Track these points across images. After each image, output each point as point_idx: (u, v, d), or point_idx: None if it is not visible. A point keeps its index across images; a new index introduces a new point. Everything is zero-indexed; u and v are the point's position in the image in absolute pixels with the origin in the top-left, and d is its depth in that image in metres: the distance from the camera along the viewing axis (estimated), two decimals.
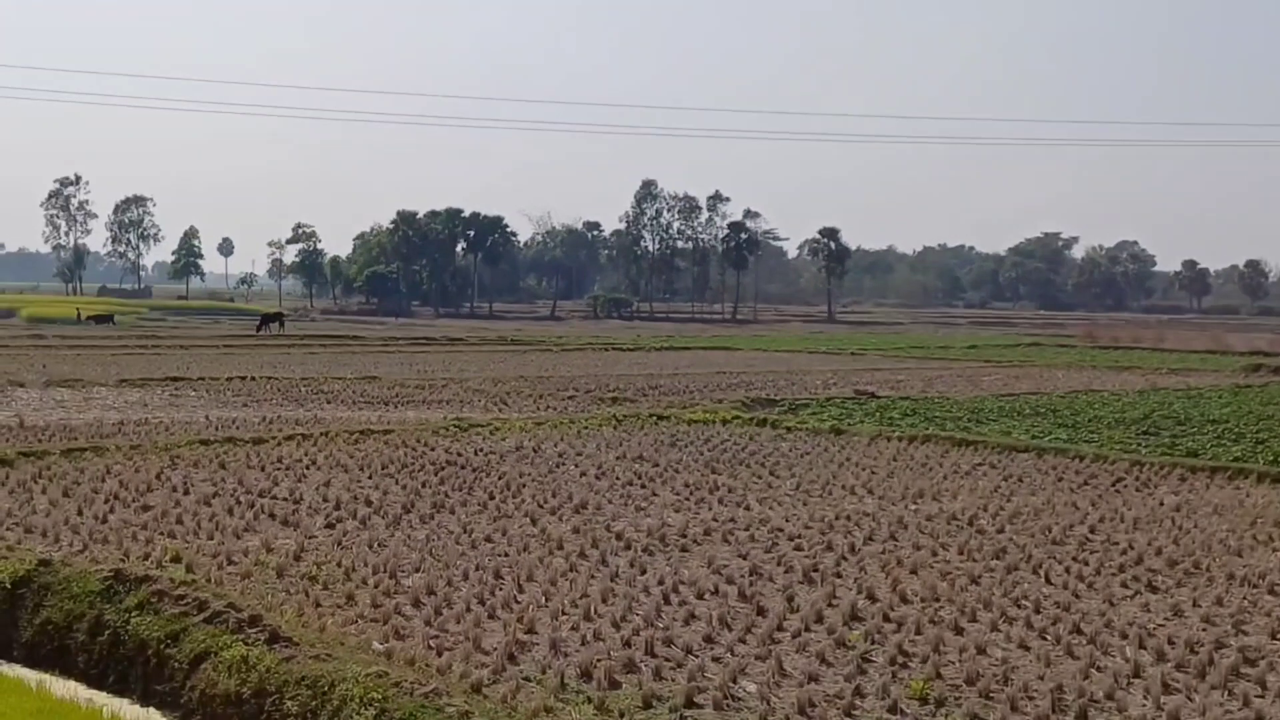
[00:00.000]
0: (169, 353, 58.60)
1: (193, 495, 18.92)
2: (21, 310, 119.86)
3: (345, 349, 65.76)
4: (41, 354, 54.49)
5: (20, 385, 37.28)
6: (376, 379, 42.66)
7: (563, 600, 13.01)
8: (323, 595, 13.10)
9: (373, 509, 18.02)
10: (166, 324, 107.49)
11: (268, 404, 33.84)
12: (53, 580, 12.73)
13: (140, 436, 25.39)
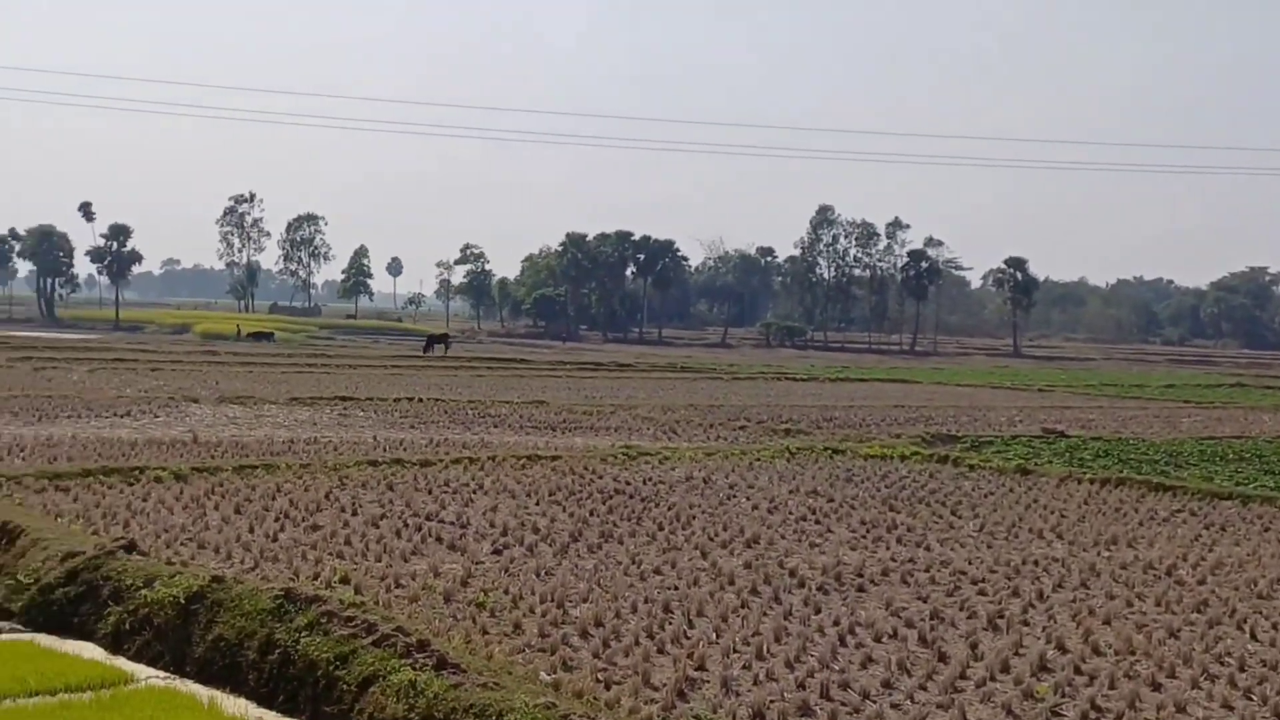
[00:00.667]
0: (338, 372, 60.26)
1: (361, 516, 19.39)
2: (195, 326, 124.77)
3: (512, 372, 66.78)
4: (214, 370, 56.55)
5: (194, 401, 38.74)
6: (543, 404, 43.21)
7: (734, 637, 12.97)
8: (490, 622, 13.30)
9: (540, 536, 18.24)
10: (335, 343, 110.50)
11: (434, 426, 34.54)
12: (225, 597, 13.16)
13: (309, 455, 26.14)
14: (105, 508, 18.96)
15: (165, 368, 56.60)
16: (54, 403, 35.98)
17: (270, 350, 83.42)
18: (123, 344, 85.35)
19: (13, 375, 47.89)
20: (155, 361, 60.84)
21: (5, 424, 30.16)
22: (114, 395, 39.61)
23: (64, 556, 15.01)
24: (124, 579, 14.09)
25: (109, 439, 27.69)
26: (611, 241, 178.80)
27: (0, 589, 15.17)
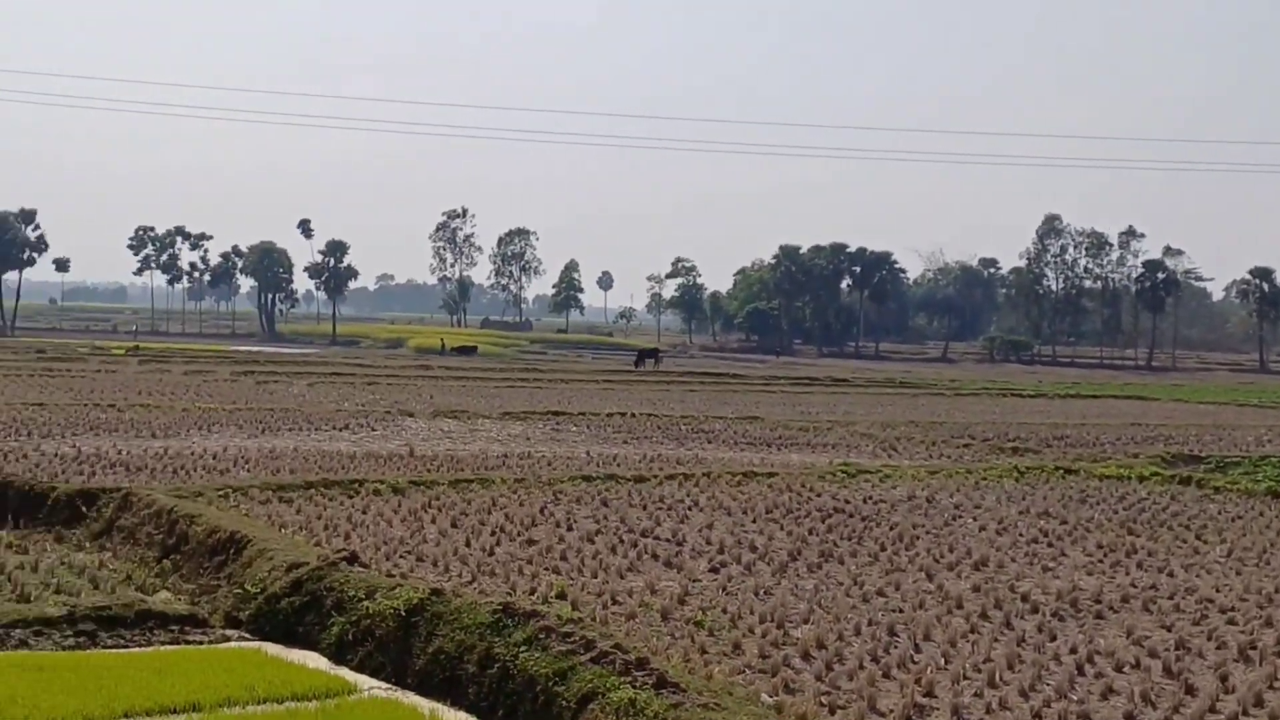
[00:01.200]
0: (549, 386, 61.28)
1: (576, 531, 19.65)
2: (409, 341, 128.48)
3: (725, 387, 66.91)
4: (428, 385, 58.11)
5: (409, 415, 39.87)
6: (758, 419, 43.17)
7: (963, 663, 12.71)
8: (709, 641, 13.32)
9: (757, 555, 18.20)
10: (546, 358, 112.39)
11: (647, 441, 34.81)
12: (444, 610, 13.48)
13: (524, 470, 26.62)
14: (326, 519, 19.64)
15: (381, 382, 58.38)
16: (276, 416, 37.43)
17: (482, 365, 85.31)
18: (340, 358, 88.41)
19: (237, 389, 50.03)
20: (371, 376, 62.82)
21: (231, 437, 31.50)
22: (333, 409, 41.02)
23: (288, 567, 15.59)
24: (346, 590, 14.56)
25: (329, 452, 28.67)
26: (826, 254, 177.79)
27: (229, 598, 15.86)
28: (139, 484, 21.64)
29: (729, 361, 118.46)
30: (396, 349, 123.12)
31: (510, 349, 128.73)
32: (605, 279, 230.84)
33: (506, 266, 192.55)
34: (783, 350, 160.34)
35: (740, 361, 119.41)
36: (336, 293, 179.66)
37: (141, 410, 37.61)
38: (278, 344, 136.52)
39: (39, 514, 20.56)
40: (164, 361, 70.10)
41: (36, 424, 32.54)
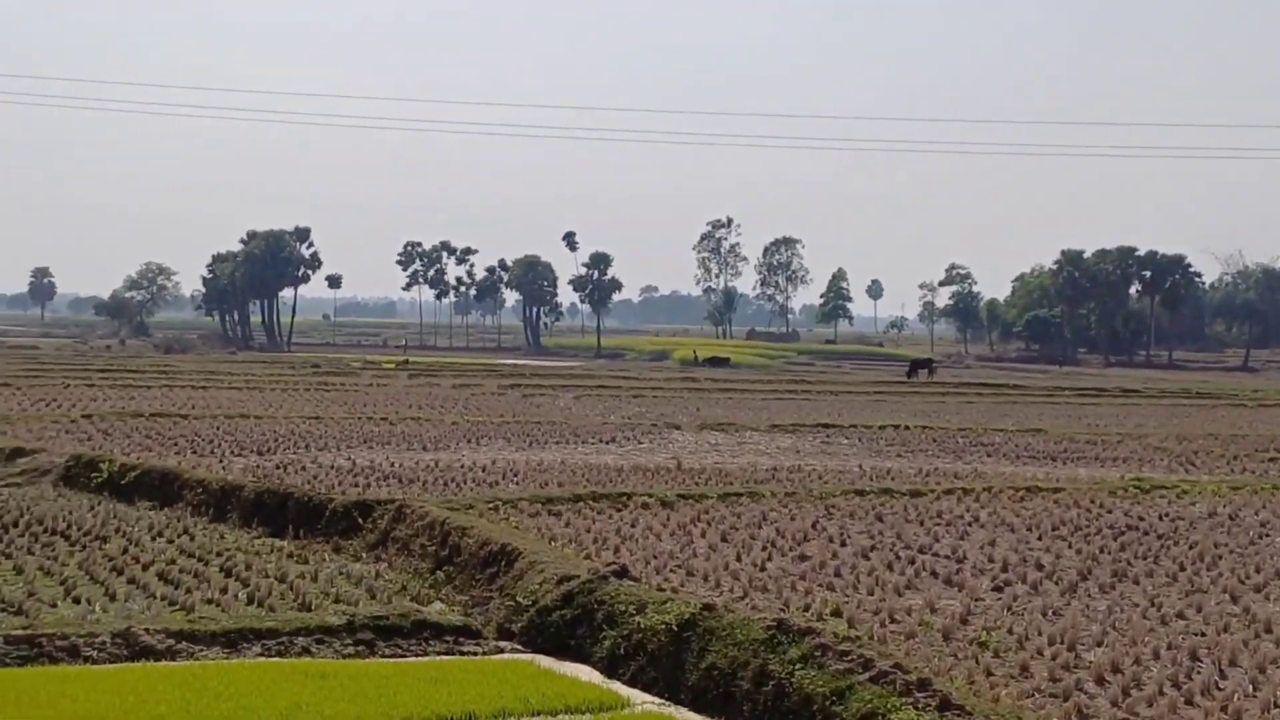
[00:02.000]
0: (818, 398, 61.05)
1: (850, 547, 19.52)
2: (674, 353, 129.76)
3: (1004, 398, 65.45)
4: (694, 397, 58.57)
5: (676, 427, 40.28)
6: (1041, 432, 42.08)
7: (1274, 691, 12.11)
8: (994, 663, 13.04)
9: (1044, 574, 17.74)
10: (814, 369, 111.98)
11: (923, 455, 34.34)
12: (716, 625, 13.56)
13: (794, 484, 26.57)
14: (595, 532, 19.99)
15: (646, 394, 59.12)
16: (543, 429, 38.31)
17: (749, 376, 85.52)
18: (604, 371, 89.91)
19: (504, 402, 51.42)
20: (637, 388, 63.66)
21: (499, 449, 32.39)
22: (599, 422, 41.74)
23: (559, 580, 15.94)
24: (617, 604, 14.79)
25: (596, 465, 29.18)
26: (1112, 258, 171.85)
27: (501, 610, 16.30)
28: (412, 496, 22.45)
29: (1008, 372, 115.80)
30: (661, 361, 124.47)
31: (777, 360, 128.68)
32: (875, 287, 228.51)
33: (772, 276, 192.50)
34: (1066, 360, 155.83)
35: (1020, 371, 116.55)
36: (600, 305, 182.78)
37: (412, 423, 39.01)
38: (543, 357, 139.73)
39: (317, 524, 21.51)
40: (433, 375, 72.52)
41: (314, 437, 34.10)
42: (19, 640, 14.16)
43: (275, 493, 23.00)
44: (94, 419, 37.56)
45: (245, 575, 17.93)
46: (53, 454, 28.77)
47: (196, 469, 26.07)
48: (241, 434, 34.31)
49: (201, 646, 14.56)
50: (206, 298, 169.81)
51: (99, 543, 20.10)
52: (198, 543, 20.49)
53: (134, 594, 16.70)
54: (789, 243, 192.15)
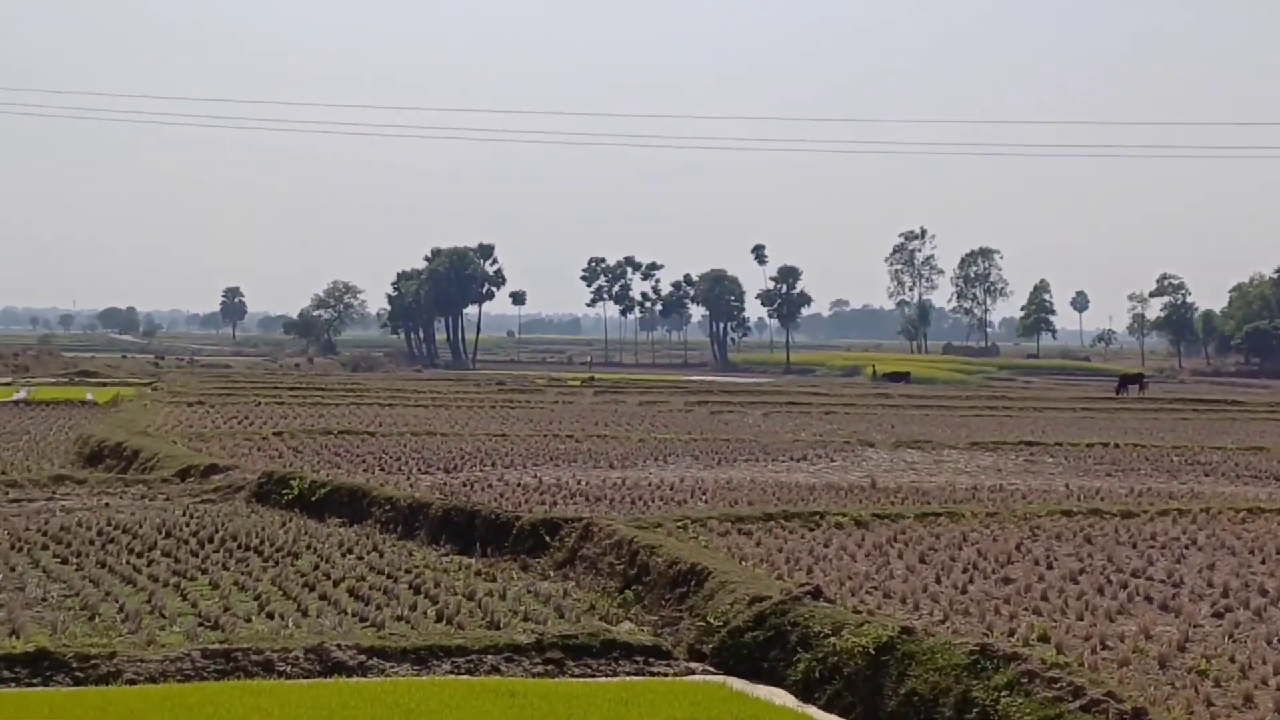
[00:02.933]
0: (1020, 415, 59.94)
1: (1056, 570, 19.13)
2: (865, 369, 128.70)
3: (1222, 415, 63.45)
4: (888, 414, 58.02)
5: (870, 445, 39.95)
6: (1263, 450, 40.70)
7: None
8: (1215, 693, 12.65)
9: (1268, 599, 17.15)
10: (1015, 384, 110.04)
11: (1134, 474, 33.50)
12: (916, 649, 13.41)
13: (995, 504, 26.14)
14: (787, 552, 19.94)
15: (838, 411, 58.76)
16: (731, 446, 38.35)
17: (946, 393, 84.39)
18: (794, 387, 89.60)
19: (692, 419, 51.60)
20: (828, 405, 63.32)
21: (687, 467, 32.53)
22: (789, 439, 41.62)
23: (751, 600, 15.93)
24: (811, 626, 14.73)
25: (786, 483, 29.11)
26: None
27: (692, 630, 16.36)
28: (599, 514, 22.67)
29: (1225, 387, 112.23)
30: (853, 377, 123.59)
31: (975, 376, 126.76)
32: (1079, 299, 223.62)
33: (969, 289, 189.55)
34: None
35: (1239, 386, 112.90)
36: (789, 320, 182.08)
37: (598, 441, 39.38)
38: (730, 373, 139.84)
39: (505, 542, 21.85)
40: (618, 392, 73.13)
41: (499, 454, 34.67)
42: (216, 654, 14.68)
43: (462, 510, 23.44)
44: (284, 436, 38.76)
45: (434, 592, 18.30)
46: (245, 471, 29.77)
47: (384, 486, 26.70)
48: (428, 451, 35.05)
49: (392, 663, 14.90)
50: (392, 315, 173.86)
51: (291, 559, 20.73)
52: (387, 559, 21.00)
53: (325, 610, 17.17)
54: (986, 253, 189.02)
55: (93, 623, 16.01)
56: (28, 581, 18.42)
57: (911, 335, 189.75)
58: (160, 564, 19.96)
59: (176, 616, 16.47)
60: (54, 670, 14.16)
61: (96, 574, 19.02)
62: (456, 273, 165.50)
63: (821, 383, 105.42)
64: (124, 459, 33.79)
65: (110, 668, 14.24)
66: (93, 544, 21.46)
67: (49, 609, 16.70)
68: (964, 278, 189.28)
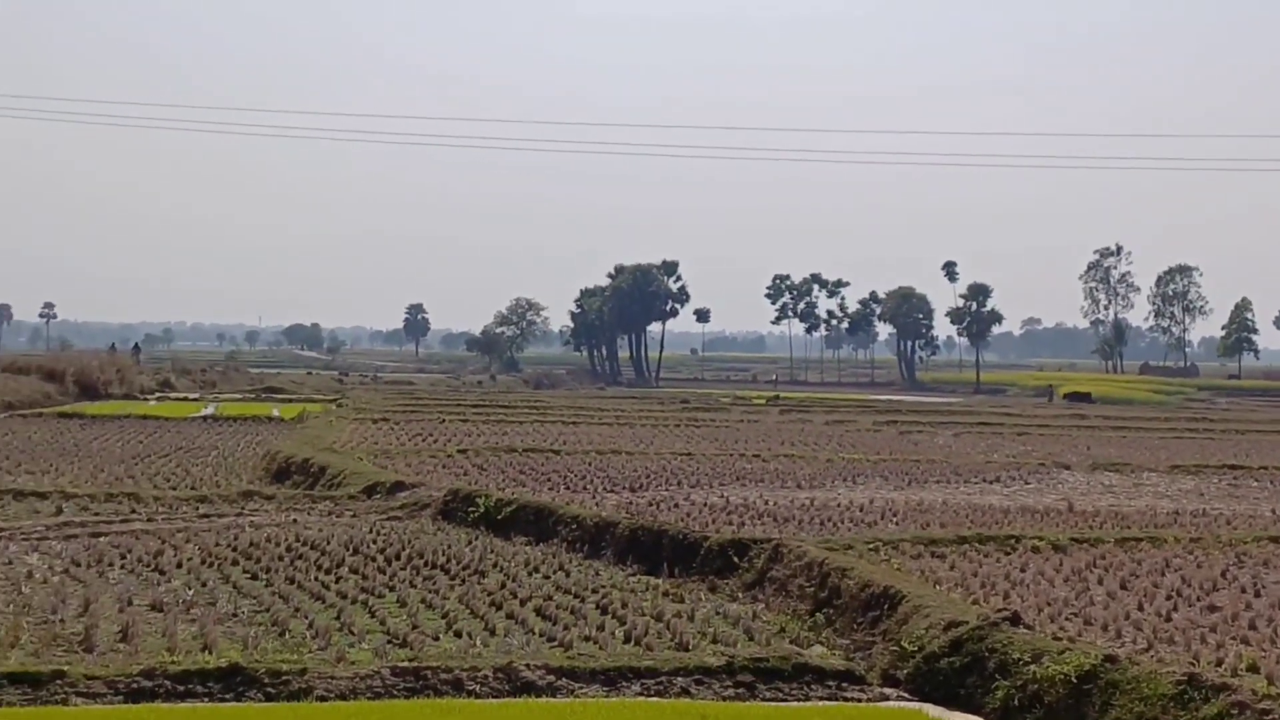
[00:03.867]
0: (1223, 438, 58.20)
1: (1265, 598, 18.55)
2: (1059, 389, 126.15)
3: None
4: (1083, 435, 56.80)
5: (1065, 468, 39.15)
6: None
7: None
8: None
9: None
10: (1216, 406, 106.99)
11: None
12: (1120, 678, 13.09)
13: (1199, 529, 25.44)
14: (982, 576, 19.61)
15: (1031, 432, 57.69)
16: (921, 467, 37.90)
17: (1144, 414, 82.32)
18: (985, 407, 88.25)
19: (879, 439, 51.13)
20: (1020, 425, 62.21)
21: (876, 488, 32.24)
22: (981, 460, 40.99)
23: (947, 625, 15.70)
24: (1010, 652, 14.46)
25: (979, 505, 28.65)
26: None
27: (885, 655, 16.18)
28: (788, 535, 22.57)
29: None
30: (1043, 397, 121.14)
31: (1174, 396, 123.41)
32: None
33: (1167, 307, 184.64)
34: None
35: None
36: (979, 338, 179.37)
37: (785, 460, 39.25)
38: (918, 392, 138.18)
39: (692, 562, 21.87)
40: (804, 411, 72.76)
41: (685, 473, 34.74)
42: (405, 672, 14.93)
43: (649, 530, 23.52)
44: (469, 454, 39.35)
45: (621, 613, 18.38)
46: (431, 488, 30.28)
47: (570, 505, 26.93)
48: (613, 470, 35.27)
49: (581, 684, 15.00)
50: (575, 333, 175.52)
51: (477, 577, 21.01)
52: (573, 579, 21.16)
53: (512, 629, 17.36)
54: (1185, 270, 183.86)
55: (283, 639, 16.35)
56: (219, 596, 18.95)
57: (1107, 355, 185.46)
58: (348, 581, 20.36)
59: (365, 634, 16.79)
60: (246, 686, 14.51)
61: (286, 590, 19.46)
62: (640, 290, 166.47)
63: (1013, 403, 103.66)
64: (310, 475, 34.62)
65: (301, 684, 14.55)
66: (281, 560, 21.99)
67: (240, 624, 17.14)
68: (1161, 296, 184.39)
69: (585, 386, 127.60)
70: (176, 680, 14.38)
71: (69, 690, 13.97)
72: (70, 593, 18.77)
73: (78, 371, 73.72)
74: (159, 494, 30.16)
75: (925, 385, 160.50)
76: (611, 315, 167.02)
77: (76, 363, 77.40)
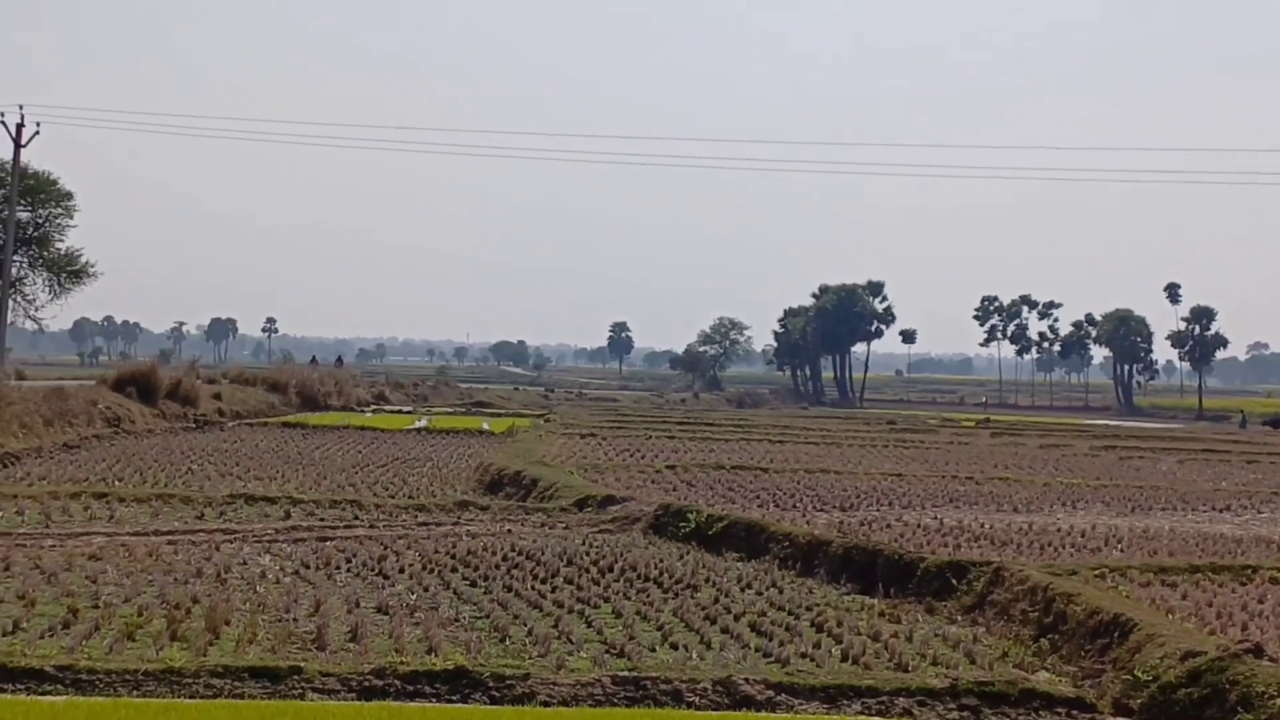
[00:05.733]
0: None
1: None
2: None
3: None
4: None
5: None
6: None
7: None
8: None
9: None
10: None
11: None
12: None
13: None
14: (1218, 607, 19.03)
15: (1262, 460, 55.73)
16: (1144, 493, 36.91)
17: None
18: (1210, 434, 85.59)
19: (1099, 464, 49.94)
20: (1250, 453, 60.17)
21: (1098, 514, 31.49)
22: (1210, 488, 39.75)
23: (1183, 655, 15.27)
24: (1254, 685, 14.00)
25: (1209, 534, 27.80)
26: None
27: (1116, 684, 15.78)
28: (1006, 558, 22.18)
29: None
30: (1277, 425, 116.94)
31: None
32: None
33: None
34: None
35: None
36: (1202, 362, 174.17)
37: (1000, 483, 38.59)
38: (1135, 418, 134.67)
39: (908, 584, 21.63)
40: (1016, 434, 71.47)
41: (896, 494, 34.40)
42: (625, 681, 15.08)
43: (863, 549, 23.34)
44: (676, 470, 39.54)
45: (837, 631, 18.27)
46: (641, 503, 30.50)
47: (781, 522, 26.88)
48: (822, 489, 35.09)
49: (800, 700, 14.95)
50: (778, 352, 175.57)
51: (690, 591, 21.10)
52: (786, 596, 21.11)
53: (728, 643, 17.39)
54: None
55: (503, 644, 16.66)
56: (440, 602, 19.35)
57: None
58: (564, 590, 20.63)
59: (583, 642, 16.99)
60: (471, 689, 14.80)
61: (504, 597, 19.80)
62: (845, 310, 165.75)
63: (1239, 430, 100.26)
64: (523, 487, 35.16)
65: (524, 689, 14.80)
66: (498, 568, 22.37)
67: (461, 629, 17.48)
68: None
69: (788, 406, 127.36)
70: (405, 680, 14.76)
71: (305, 685, 14.45)
72: (301, 593, 19.41)
73: (300, 384, 76.31)
74: (379, 501, 30.98)
75: (1143, 410, 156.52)
76: (815, 335, 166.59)
77: (299, 375, 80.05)
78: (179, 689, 14.12)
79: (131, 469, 36.79)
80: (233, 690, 14.21)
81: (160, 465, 38.17)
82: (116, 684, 14.15)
